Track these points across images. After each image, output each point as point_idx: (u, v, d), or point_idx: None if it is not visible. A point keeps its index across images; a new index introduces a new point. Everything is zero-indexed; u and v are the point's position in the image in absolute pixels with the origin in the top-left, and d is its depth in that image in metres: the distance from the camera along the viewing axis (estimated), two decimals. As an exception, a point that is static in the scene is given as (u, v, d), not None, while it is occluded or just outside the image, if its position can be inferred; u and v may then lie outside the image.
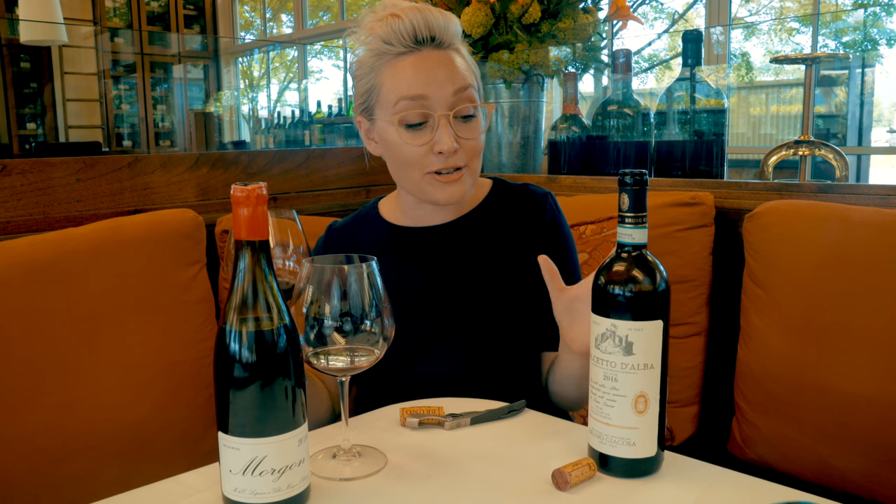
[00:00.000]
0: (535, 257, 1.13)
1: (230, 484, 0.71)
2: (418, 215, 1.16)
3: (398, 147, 1.06)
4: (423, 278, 1.13)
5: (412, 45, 1.04)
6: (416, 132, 1.05)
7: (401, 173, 1.10)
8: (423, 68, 1.03)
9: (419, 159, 1.05)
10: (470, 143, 1.06)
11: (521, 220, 1.15)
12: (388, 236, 1.17)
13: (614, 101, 1.84)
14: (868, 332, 1.17)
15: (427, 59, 1.04)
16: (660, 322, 0.77)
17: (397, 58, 1.05)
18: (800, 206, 1.32)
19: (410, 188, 1.10)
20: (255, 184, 0.70)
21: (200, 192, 1.61)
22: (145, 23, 7.19)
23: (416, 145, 1.04)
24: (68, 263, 1.21)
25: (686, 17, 5.32)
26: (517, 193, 1.18)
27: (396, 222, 1.18)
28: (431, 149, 1.04)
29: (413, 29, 1.03)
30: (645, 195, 0.78)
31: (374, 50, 1.06)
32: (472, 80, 1.08)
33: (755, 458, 1.33)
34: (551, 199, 1.18)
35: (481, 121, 1.08)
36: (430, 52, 1.05)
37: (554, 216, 1.16)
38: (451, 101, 1.04)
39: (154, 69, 7.22)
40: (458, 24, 1.08)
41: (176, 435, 1.27)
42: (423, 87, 1.03)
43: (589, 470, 0.78)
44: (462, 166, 1.06)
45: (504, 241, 1.15)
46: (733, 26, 4.09)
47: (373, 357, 0.80)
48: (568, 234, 1.18)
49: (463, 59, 1.08)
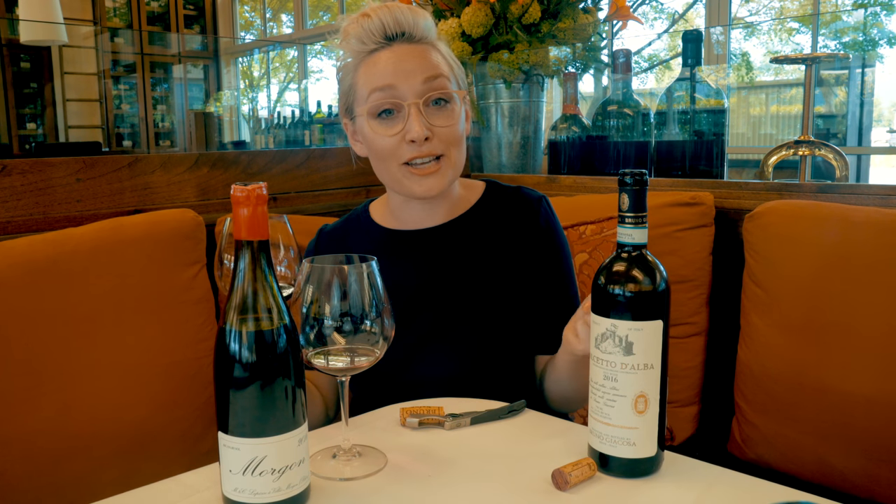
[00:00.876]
0: (529, 261, 1.13)
1: (230, 484, 0.71)
2: (409, 217, 1.16)
3: (373, 140, 1.07)
4: (416, 281, 1.13)
5: (383, 41, 1.07)
6: (388, 122, 1.06)
7: (380, 167, 1.11)
8: (392, 60, 1.06)
9: (393, 150, 1.06)
10: (445, 131, 1.06)
11: (515, 224, 1.14)
12: (380, 240, 1.17)
13: (614, 101, 1.84)
14: (868, 332, 1.17)
15: (397, 52, 1.06)
16: (660, 322, 0.77)
17: (370, 55, 1.07)
18: (800, 206, 1.32)
19: (390, 182, 1.11)
20: (255, 184, 0.70)
21: (200, 192, 1.61)
22: (145, 23, 7.20)
23: (389, 136, 1.06)
24: (68, 263, 1.21)
25: (686, 17, 5.32)
26: (511, 197, 1.17)
27: (387, 225, 1.18)
28: (403, 138, 1.05)
29: (382, 26, 1.06)
30: (645, 195, 0.78)
31: (351, 51, 1.09)
32: (447, 71, 1.08)
33: (755, 457, 1.33)
34: (545, 202, 1.17)
35: (458, 109, 1.09)
36: (402, 46, 1.07)
37: (548, 220, 1.16)
38: (421, 89, 1.05)
39: (154, 69, 7.22)
40: (429, 19, 1.10)
41: (176, 435, 1.27)
42: (392, 78, 1.04)
43: (589, 470, 0.78)
44: (439, 155, 1.06)
45: (497, 245, 1.14)
46: (733, 26, 4.10)
47: (373, 357, 0.80)
48: (562, 239, 1.17)
49: (438, 52, 1.09)
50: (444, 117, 1.07)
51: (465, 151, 1.12)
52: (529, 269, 1.13)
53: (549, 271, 1.14)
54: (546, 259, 1.14)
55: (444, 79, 1.07)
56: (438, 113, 1.06)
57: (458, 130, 1.09)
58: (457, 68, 1.12)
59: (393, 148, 1.06)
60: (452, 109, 1.08)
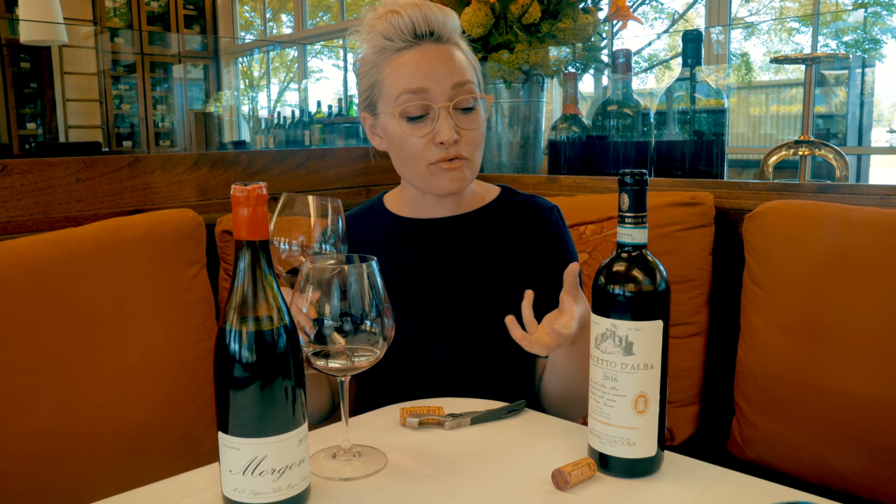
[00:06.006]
0: (534, 264, 1.14)
1: (230, 484, 0.71)
2: (421, 207, 1.18)
3: (401, 140, 1.09)
4: (420, 265, 1.15)
5: (412, 40, 1.07)
6: (418, 124, 1.07)
7: (404, 165, 1.12)
8: (423, 62, 1.06)
9: (421, 151, 1.08)
10: (470, 134, 1.09)
11: (525, 226, 1.16)
12: (390, 226, 1.20)
13: (614, 101, 1.84)
14: (868, 333, 1.17)
15: (427, 54, 1.07)
16: (660, 322, 0.77)
17: (398, 53, 1.08)
18: (800, 206, 1.32)
19: (413, 180, 1.13)
20: (255, 184, 0.70)
21: (200, 192, 1.61)
22: (145, 23, 7.19)
23: (418, 137, 1.07)
24: (68, 263, 1.21)
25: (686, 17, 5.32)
26: (524, 201, 1.19)
27: (400, 213, 1.20)
28: (433, 140, 1.07)
29: (412, 24, 1.06)
30: (645, 195, 0.78)
31: (376, 47, 1.09)
32: (472, 74, 1.10)
33: (755, 457, 1.33)
34: (557, 211, 1.19)
35: (481, 113, 1.11)
36: (430, 46, 1.08)
37: (559, 227, 1.18)
38: (451, 93, 1.06)
39: (154, 69, 7.21)
40: (456, 19, 1.11)
41: (176, 435, 1.27)
42: (424, 81, 1.05)
43: (589, 470, 0.78)
44: (463, 156, 1.08)
45: (504, 243, 1.15)
46: (733, 26, 4.09)
47: (373, 357, 0.80)
48: (571, 249, 1.19)
49: (462, 53, 1.11)
50: (470, 120, 1.09)
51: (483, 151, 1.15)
52: (534, 272, 1.14)
53: (554, 277, 1.15)
54: (552, 265, 1.15)
55: (471, 84, 1.09)
56: (465, 116, 1.08)
57: (481, 132, 1.11)
58: (478, 69, 1.14)
59: (421, 149, 1.08)
60: (478, 112, 1.10)
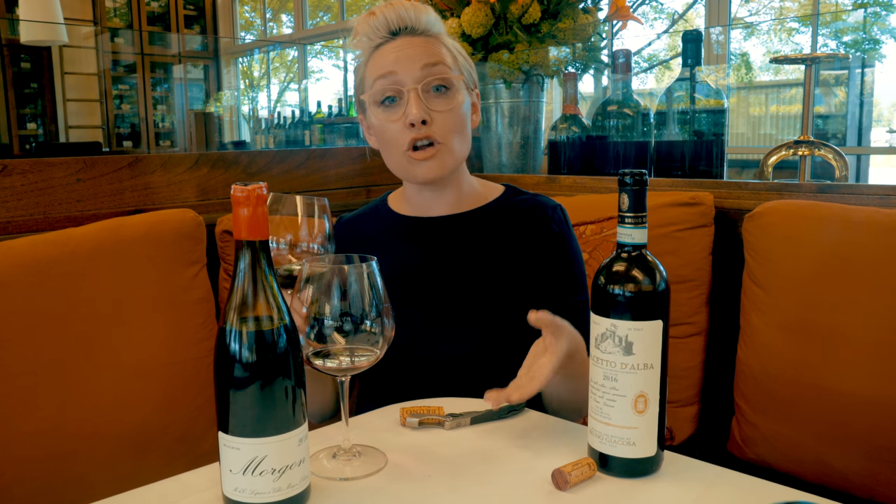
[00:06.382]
0: (537, 263, 1.14)
1: (230, 484, 0.71)
2: (422, 205, 1.19)
3: (381, 129, 1.12)
4: (422, 262, 1.16)
5: (388, 36, 1.12)
6: (392, 109, 1.10)
7: (387, 156, 1.14)
8: (395, 50, 1.11)
9: (396, 136, 1.09)
10: (444, 116, 1.09)
11: (527, 225, 1.16)
12: (393, 224, 1.21)
13: (614, 101, 1.84)
14: (868, 333, 1.18)
15: (400, 44, 1.11)
16: (660, 322, 0.77)
17: (377, 49, 1.13)
18: (800, 206, 1.32)
19: (396, 169, 1.15)
20: (255, 184, 0.70)
21: (200, 192, 1.61)
22: (145, 23, 7.19)
23: (392, 122, 1.10)
24: (69, 263, 1.21)
25: (686, 17, 5.32)
26: (528, 200, 1.20)
27: (402, 212, 1.21)
28: (405, 123, 1.08)
29: (386, 21, 1.12)
30: (645, 195, 0.78)
31: (361, 47, 1.15)
32: (448, 60, 1.12)
33: (755, 457, 1.33)
34: (560, 210, 1.19)
35: (460, 97, 1.12)
36: (405, 38, 1.12)
37: (562, 227, 1.18)
38: (419, 74, 1.09)
39: (154, 69, 7.21)
40: (432, 15, 1.14)
41: (176, 435, 1.28)
42: (393, 65, 1.09)
43: (589, 470, 0.78)
44: (437, 140, 1.09)
45: (507, 241, 1.16)
46: (733, 26, 4.09)
47: (373, 357, 0.80)
48: (574, 248, 1.19)
49: (443, 45, 1.13)
50: (443, 102, 1.10)
51: (468, 141, 1.14)
52: (536, 271, 1.14)
53: (556, 276, 1.16)
54: (554, 264, 1.15)
55: (443, 66, 1.10)
56: (438, 98, 1.10)
57: (458, 117, 1.11)
58: (462, 59, 1.15)
59: (396, 134, 1.09)
60: (453, 96, 1.11)
